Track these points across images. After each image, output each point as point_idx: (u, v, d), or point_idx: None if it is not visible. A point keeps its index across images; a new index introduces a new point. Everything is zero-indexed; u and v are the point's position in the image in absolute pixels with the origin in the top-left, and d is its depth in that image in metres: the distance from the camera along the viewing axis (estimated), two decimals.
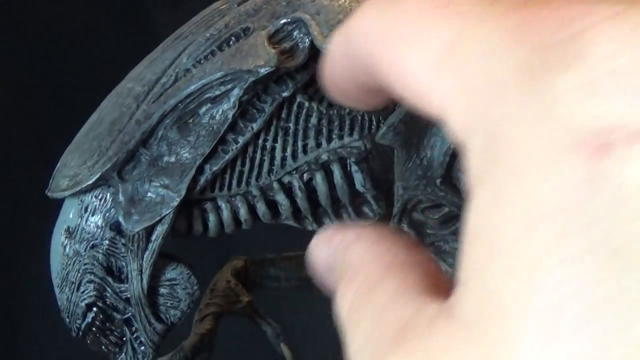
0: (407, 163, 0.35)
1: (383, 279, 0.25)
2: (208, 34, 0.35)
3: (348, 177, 0.36)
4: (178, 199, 0.34)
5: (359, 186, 0.36)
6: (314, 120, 0.35)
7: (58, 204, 0.38)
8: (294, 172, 0.35)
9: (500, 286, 0.19)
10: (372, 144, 0.35)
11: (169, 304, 0.36)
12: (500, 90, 0.19)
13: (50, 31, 0.70)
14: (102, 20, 0.70)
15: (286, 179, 0.35)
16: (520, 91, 0.19)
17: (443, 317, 0.21)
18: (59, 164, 0.36)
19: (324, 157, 0.35)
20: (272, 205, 0.36)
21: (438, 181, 0.35)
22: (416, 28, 0.22)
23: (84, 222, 0.35)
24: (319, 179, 0.35)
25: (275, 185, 0.35)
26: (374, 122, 0.35)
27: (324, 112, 0.35)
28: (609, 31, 0.19)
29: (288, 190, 0.35)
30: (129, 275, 0.35)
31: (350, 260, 0.27)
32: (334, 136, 0.35)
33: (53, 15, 0.70)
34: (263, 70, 0.33)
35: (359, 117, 0.35)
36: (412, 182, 0.35)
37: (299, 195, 0.35)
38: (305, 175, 0.35)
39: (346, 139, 0.35)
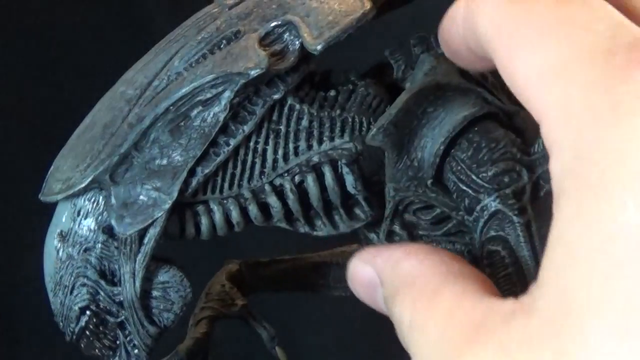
0: (397, 164, 0.35)
1: (444, 285, 0.27)
2: (200, 37, 0.35)
3: (339, 179, 0.36)
4: (170, 202, 0.34)
5: (350, 188, 0.36)
6: (304, 122, 0.35)
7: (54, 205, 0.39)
8: (286, 174, 0.35)
9: (579, 287, 0.22)
10: (363, 145, 0.35)
11: (162, 307, 0.36)
12: (596, 121, 0.22)
13: (50, 31, 0.70)
14: (102, 21, 0.70)
15: (278, 181, 0.35)
16: (613, 129, 0.22)
17: (520, 313, 0.23)
18: (51, 168, 0.36)
19: (315, 159, 0.35)
20: (264, 207, 0.36)
21: (429, 182, 0.35)
22: (538, 34, 0.24)
23: (77, 226, 0.35)
24: (310, 181, 0.35)
25: (267, 187, 0.35)
26: (365, 124, 0.36)
27: (315, 114, 0.35)
28: None
29: (280, 192, 0.36)
30: (122, 279, 0.35)
31: (404, 274, 0.29)
32: (324, 138, 0.35)
33: (53, 15, 0.70)
34: (253, 73, 0.33)
35: (350, 119, 0.36)
36: (403, 183, 0.35)
37: (291, 198, 0.35)
38: (296, 177, 0.35)
39: (337, 141, 0.35)
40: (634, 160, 0.21)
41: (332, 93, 0.36)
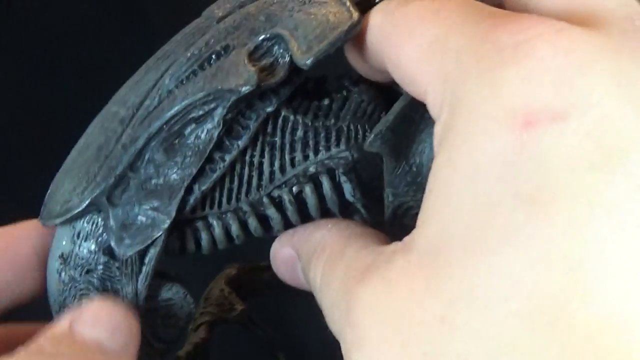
0: (396, 170, 0.35)
1: (348, 245, 0.31)
2: (189, 54, 0.35)
3: (337, 187, 0.36)
4: (168, 221, 0.34)
5: (348, 196, 0.36)
6: (299, 133, 0.35)
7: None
8: (283, 185, 0.36)
9: (450, 226, 0.25)
10: (360, 153, 0.35)
11: (167, 324, 0.36)
12: (465, 75, 0.26)
13: (49, 31, 0.70)
14: (102, 21, 0.70)
15: (276, 193, 0.36)
16: (479, 78, 0.25)
17: (400, 251, 0.27)
18: (49, 191, 0.36)
19: (312, 169, 0.35)
20: (264, 219, 0.36)
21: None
22: (413, 26, 0.28)
23: (77, 248, 0.36)
24: (308, 191, 0.35)
25: (265, 200, 0.35)
26: (360, 132, 0.36)
27: (310, 124, 0.35)
28: (550, 40, 0.25)
29: (278, 204, 0.36)
30: (124, 299, 0.35)
31: (316, 243, 0.33)
32: (320, 148, 0.35)
33: (52, 15, 0.70)
34: (244, 90, 0.33)
35: (345, 128, 0.36)
36: (402, 188, 0.35)
37: (289, 209, 0.36)
38: (294, 188, 0.36)
39: (333, 150, 0.35)
40: (492, 105, 0.25)
41: (326, 102, 0.36)
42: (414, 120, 0.34)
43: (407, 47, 0.28)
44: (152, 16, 0.70)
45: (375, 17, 0.31)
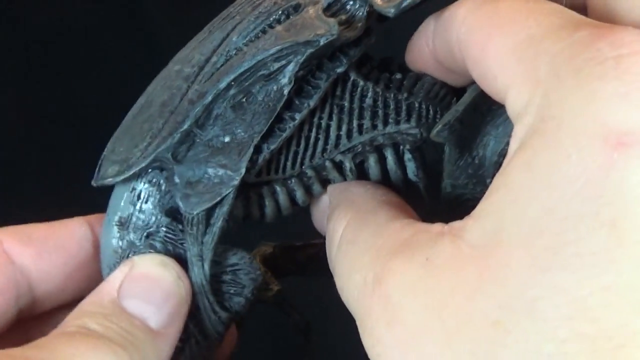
0: (458, 161, 0.34)
1: (379, 208, 0.30)
2: (257, 12, 0.34)
3: (401, 164, 0.35)
4: (238, 178, 0.33)
5: (411, 175, 0.35)
6: (369, 100, 0.35)
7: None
8: (347, 152, 0.35)
9: (512, 224, 0.24)
10: (428, 133, 0.35)
11: (232, 291, 0.34)
12: (561, 82, 0.25)
13: (49, 31, 0.68)
14: (102, 21, 0.69)
15: (338, 158, 0.34)
16: (576, 87, 0.24)
17: (448, 235, 0.26)
18: (105, 152, 0.34)
19: (380, 139, 0.35)
20: (326, 185, 0.35)
21: (488, 181, 0.34)
22: (503, 23, 0.27)
23: (137, 211, 0.33)
24: (372, 162, 0.35)
25: (328, 164, 0.34)
26: (431, 112, 0.35)
27: (380, 93, 0.35)
28: None
29: (339, 169, 0.35)
30: (189, 263, 0.33)
31: (348, 195, 0.33)
32: (390, 120, 0.35)
33: (52, 15, 0.69)
34: (324, 40, 0.32)
35: (417, 105, 0.35)
36: (462, 180, 0.35)
37: (350, 177, 0.35)
38: (357, 156, 0.35)
39: (402, 125, 0.35)
40: (586, 118, 0.24)
41: (398, 76, 0.35)
42: (482, 111, 0.34)
43: (494, 43, 0.28)
44: (152, 16, 0.70)
45: (458, 11, 0.30)
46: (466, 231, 0.26)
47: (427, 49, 0.33)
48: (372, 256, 0.27)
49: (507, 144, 0.34)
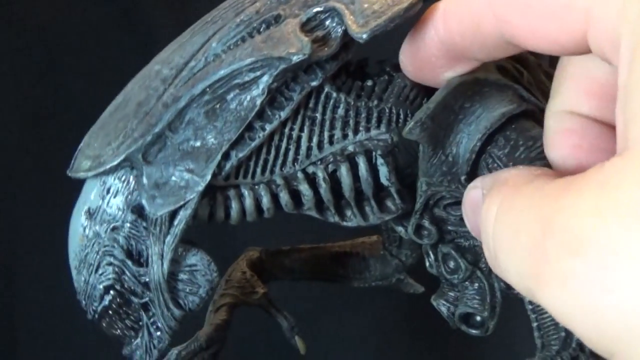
0: (432, 159, 0.35)
1: (536, 178, 0.27)
2: (239, 20, 0.35)
3: (373, 170, 0.35)
4: (203, 184, 0.34)
5: (383, 180, 0.35)
6: (341, 111, 0.35)
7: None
8: (319, 162, 0.35)
9: None
10: (399, 137, 0.35)
11: (188, 290, 0.36)
12: None
13: (49, 32, 0.69)
14: (102, 21, 0.70)
15: (310, 169, 0.35)
16: None
17: (619, 162, 0.23)
18: (81, 144, 0.35)
19: (350, 148, 0.35)
20: (295, 194, 0.35)
21: (463, 178, 0.35)
22: None
23: (106, 204, 0.35)
24: (343, 170, 0.35)
25: (300, 175, 0.35)
26: (402, 116, 0.35)
27: (352, 103, 0.35)
28: None
29: (312, 180, 0.35)
30: (149, 260, 0.35)
31: (500, 178, 0.29)
32: (360, 128, 0.35)
33: (52, 15, 0.70)
34: (296, 58, 0.33)
35: (387, 110, 0.35)
36: (437, 178, 0.35)
37: (323, 187, 0.35)
38: (330, 166, 0.35)
39: (373, 132, 0.35)
40: None
41: (369, 83, 0.36)
42: (454, 110, 0.34)
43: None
44: (152, 16, 0.70)
45: None
46: (632, 151, 0.22)
47: (434, 36, 0.32)
48: (535, 211, 0.25)
49: (480, 140, 0.34)
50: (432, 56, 0.33)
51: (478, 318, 0.37)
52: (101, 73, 0.67)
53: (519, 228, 0.25)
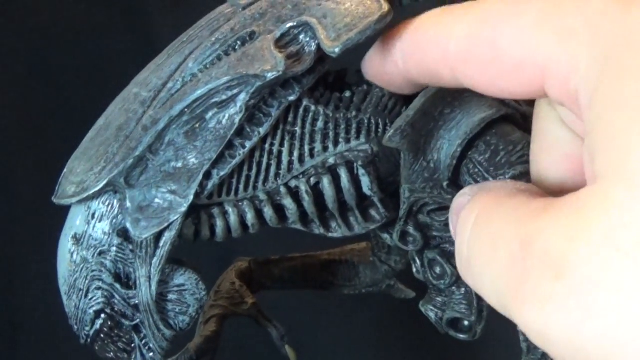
0: (414, 166, 0.35)
1: (518, 193, 0.28)
2: (214, 39, 0.35)
3: (355, 180, 0.36)
4: (186, 205, 0.34)
5: (366, 189, 0.36)
6: (320, 124, 0.35)
7: (59, 206, 0.38)
8: (301, 176, 0.35)
9: None
10: (379, 147, 0.35)
11: (177, 310, 0.36)
12: (601, 22, 0.24)
13: (49, 31, 0.69)
14: (102, 21, 0.70)
15: (293, 183, 0.35)
16: (619, 23, 0.23)
17: (592, 191, 0.23)
18: (65, 170, 0.36)
19: (331, 160, 0.35)
20: (279, 209, 0.36)
21: (445, 184, 0.35)
22: (504, 11, 0.26)
23: (91, 229, 0.35)
24: (326, 183, 0.35)
25: (282, 189, 0.35)
26: (381, 125, 0.36)
27: (331, 115, 0.35)
28: None
29: (295, 194, 0.35)
30: (137, 282, 0.35)
31: (483, 188, 0.30)
32: (340, 140, 0.35)
33: (52, 15, 0.70)
34: (270, 75, 0.33)
35: (366, 121, 0.35)
36: (419, 184, 0.35)
37: (306, 200, 0.35)
38: (312, 179, 0.35)
39: (353, 143, 0.35)
40: None
41: (348, 94, 0.36)
42: (434, 116, 0.34)
43: (507, 31, 0.26)
44: (152, 16, 0.70)
45: (437, 30, 0.29)
46: (606, 183, 0.23)
47: (395, 69, 0.33)
48: (514, 228, 0.25)
49: (460, 145, 0.34)
50: (394, 81, 0.33)
51: (466, 323, 0.37)
52: (101, 73, 0.67)
53: (497, 242, 0.25)
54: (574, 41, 0.25)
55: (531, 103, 0.36)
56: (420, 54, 0.30)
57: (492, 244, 0.26)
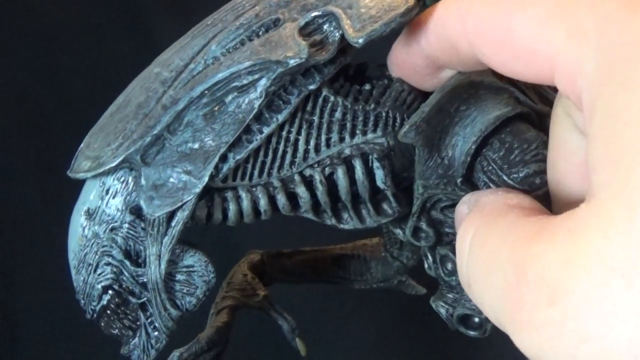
0: (428, 162, 0.35)
1: (509, 210, 0.28)
2: (238, 23, 0.35)
3: (369, 173, 0.36)
4: (200, 186, 0.34)
5: (379, 183, 0.36)
6: (338, 114, 0.35)
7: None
8: (316, 165, 0.35)
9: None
10: (396, 141, 0.35)
11: (185, 291, 0.36)
12: (609, 27, 0.24)
13: (49, 31, 0.70)
14: (102, 21, 0.70)
15: (307, 172, 0.35)
16: (627, 30, 0.23)
17: (590, 211, 0.23)
18: (82, 145, 0.36)
19: (347, 151, 0.35)
20: (292, 197, 0.36)
21: (459, 181, 0.35)
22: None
23: (105, 205, 0.35)
24: (340, 173, 0.35)
25: (297, 177, 0.35)
26: (398, 120, 0.36)
27: (349, 107, 0.35)
28: None
29: (309, 183, 0.35)
30: (147, 260, 0.35)
31: (480, 202, 0.31)
32: (357, 131, 0.35)
33: (52, 15, 0.70)
34: (293, 62, 0.33)
35: (383, 114, 0.35)
36: (433, 181, 0.35)
37: (320, 189, 0.35)
38: (327, 169, 0.35)
39: (369, 135, 0.35)
40: None
41: (367, 87, 0.36)
42: (449, 113, 0.34)
43: (521, 19, 0.27)
44: (152, 16, 0.70)
45: (457, 4, 0.30)
46: (601, 202, 0.23)
47: (417, 48, 0.33)
48: (507, 252, 0.25)
49: (474, 142, 0.34)
50: (417, 65, 0.34)
51: (476, 319, 0.37)
52: (101, 73, 0.67)
53: (491, 268, 0.26)
54: (583, 42, 0.25)
55: (546, 101, 0.36)
56: (441, 26, 0.31)
57: (488, 271, 0.26)
